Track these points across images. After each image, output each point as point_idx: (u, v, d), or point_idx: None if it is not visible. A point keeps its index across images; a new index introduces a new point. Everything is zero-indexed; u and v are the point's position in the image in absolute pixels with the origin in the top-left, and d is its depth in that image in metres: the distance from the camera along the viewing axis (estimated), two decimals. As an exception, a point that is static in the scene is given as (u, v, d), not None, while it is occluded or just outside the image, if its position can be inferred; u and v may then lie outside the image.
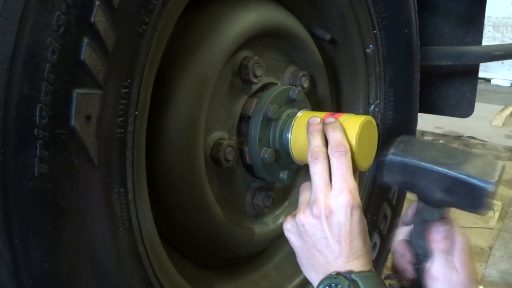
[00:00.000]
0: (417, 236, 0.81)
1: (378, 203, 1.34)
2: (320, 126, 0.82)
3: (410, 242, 0.83)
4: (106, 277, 0.66)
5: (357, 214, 0.75)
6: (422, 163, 0.73)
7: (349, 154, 0.77)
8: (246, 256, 1.12)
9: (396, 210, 1.41)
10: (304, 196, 0.81)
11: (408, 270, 0.83)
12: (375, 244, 1.34)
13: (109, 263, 0.66)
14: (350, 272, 0.73)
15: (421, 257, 0.81)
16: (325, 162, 0.77)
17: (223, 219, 0.94)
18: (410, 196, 1.38)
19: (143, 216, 0.72)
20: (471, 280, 0.76)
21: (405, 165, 0.75)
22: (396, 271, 0.86)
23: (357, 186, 0.76)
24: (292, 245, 0.82)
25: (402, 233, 0.85)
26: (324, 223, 0.74)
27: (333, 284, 0.72)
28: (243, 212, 1.03)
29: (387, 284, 0.75)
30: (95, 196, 0.62)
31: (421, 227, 0.79)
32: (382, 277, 1.70)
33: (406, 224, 0.85)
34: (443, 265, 0.76)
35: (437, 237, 0.77)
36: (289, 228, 0.80)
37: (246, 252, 1.10)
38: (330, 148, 0.78)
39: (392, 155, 0.76)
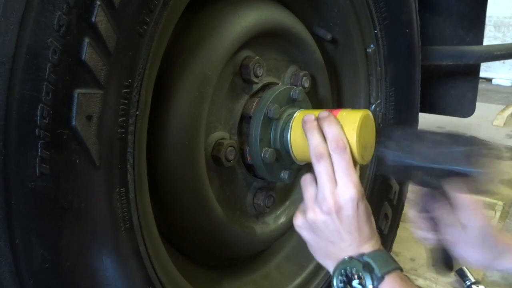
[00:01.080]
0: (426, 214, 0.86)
1: (379, 203, 1.34)
2: (315, 123, 0.83)
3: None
4: (107, 277, 0.66)
5: (363, 205, 0.79)
6: (418, 163, 0.78)
7: (348, 149, 0.79)
8: (247, 256, 1.12)
9: (397, 210, 1.41)
10: (309, 191, 0.83)
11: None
12: (376, 244, 1.34)
13: (110, 263, 0.66)
14: (362, 255, 0.78)
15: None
16: (328, 160, 0.79)
17: (224, 219, 0.94)
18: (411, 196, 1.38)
19: (144, 216, 0.72)
20: (484, 228, 0.82)
21: (401, 165, 0.80)
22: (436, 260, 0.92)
23: (358, 178, 0.80)
24: (304, 239, 0.85)
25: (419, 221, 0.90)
26: (335, 218, 0.78)
27: (348, 268, 0.77)
28: (244, 212, 1.03)
29: None
30: (96, 196, 0.62)
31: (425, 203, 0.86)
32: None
33: (421, 211, 0.89)
34: (450, 228, 0.83)
35: (435, 205, 0.83)
36: (300, 225, 0.83)
37: (247, 252, 1.10)
38: (329, 145, 0.80)
39: (391, 158, 0.81)
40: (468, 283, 1.70)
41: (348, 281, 0.77)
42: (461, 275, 1.75)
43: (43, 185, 0.55)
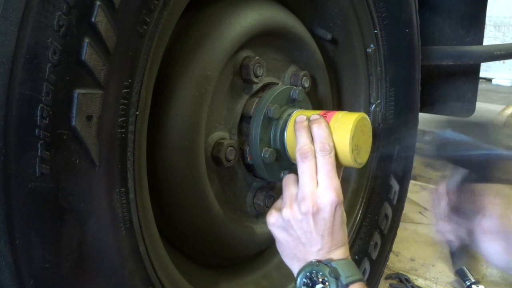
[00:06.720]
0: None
1: (379, 202, 1.34)
2: (306, 123, 0.84)
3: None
4: (107, 277, 0.66)
5: (340, 210, 0.79)
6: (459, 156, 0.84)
7: (333, 153, 0.81)
8: (247, 256, 1.12)
9: (397, 210, 1.40)
10: (289, 190, 0.84)
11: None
12: (376, 244, 1.34)
13: (110, 263, 0.66)
14: (331, 260, 0.78)
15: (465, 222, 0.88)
16: (313, 161, 0.80)
17: (224, 219, 0.94)
18: (411, 196, 1.38)
19: (144, 216, 0.72)
20: (504, 217, 0.83)
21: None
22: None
23: (339, 183, 0.81)
24: (275, 237, 0.85)
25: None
26: (310, 219, 0.78)
27: (314, 271, 0.77)
28: (244, 212, 1.03)
29: (388, 284, 0.78)
30: (96, 196, 0.62)
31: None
32: (383, 277, 1.70)
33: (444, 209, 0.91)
34: (471, 216, 0.85)
35: (461, 197, 0.86)
36: (274, 222, 0.84)
37: (247, 252, 1.10)
38: (316, 146, 0.81)
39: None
40: (468, 283, 1.70)
41: (311, 285, 0.77)
42: (461, 275, 1.75)
43: (43, 185, 0.55)
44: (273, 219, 0.84)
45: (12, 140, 0.52)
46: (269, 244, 1.14)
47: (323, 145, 0.80)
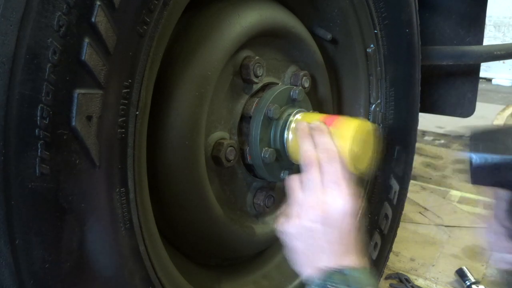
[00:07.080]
0: None
1: (379, 203, 1.34)
2: (307, 130, 0.84)
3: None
4: (107, 277, 0.66)
5: (351, 217, 0.77)
6: (508, 158, 0.69)
7: (339, 159, 0.79)
8: (247, 256, 1.12)
9: (397, 210, 1.40)
10: (296, 196, 0.82)
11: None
12: (376, 244, 1.34)
13: (110, 263, 0.66)
14: (342, 268, 0.76)
15: None
16: (318, 168, 0.79)
17: (224, 219, 0.94)
18: (411, 196, 1.38)
19: (144, 216, 0.72)
20: None
21: (491, 166, 0.70)
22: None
23: (351, 189, 0.78)
24: (285, 245, 0.83)
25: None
26: (320, 227, 0.77)
27: (325, 279, 0.75)
28: (244, 212, 1.03)
29: (388, 284, 0.76)
30: (96, 196, 0.62)
31: None
32: (383, 277, 1.70)
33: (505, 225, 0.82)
34: None
35: None
36: (284, 230, 0.82)
37: (247, 252, 1.10)
38: (320, 153, 0.80)
39: (475, 162, 0.71)
40: (468, 283, 1.70)
41: None
42: (461, 275, 1.75)
43: (43, 185, 0.55)
44: (283, 227, 0.82)
45: (12, 140, 0.52)
46: (269, 244, 1.14)
47: (327, 151, 0.79)
